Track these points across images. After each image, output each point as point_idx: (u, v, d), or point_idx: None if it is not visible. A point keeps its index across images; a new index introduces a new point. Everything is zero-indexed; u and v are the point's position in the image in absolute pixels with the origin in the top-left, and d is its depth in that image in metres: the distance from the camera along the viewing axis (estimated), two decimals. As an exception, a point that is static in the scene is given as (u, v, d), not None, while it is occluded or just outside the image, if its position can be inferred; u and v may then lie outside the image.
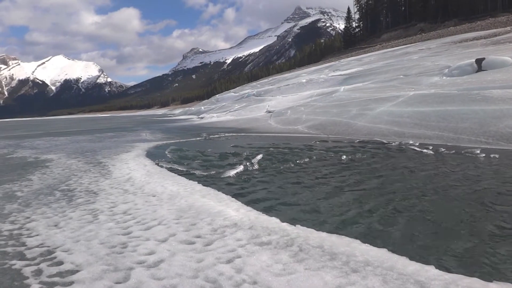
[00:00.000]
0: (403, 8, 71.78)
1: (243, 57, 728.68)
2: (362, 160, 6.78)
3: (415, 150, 7.45)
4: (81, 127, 30.26)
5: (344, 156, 7.12)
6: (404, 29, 65.39)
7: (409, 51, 29.76)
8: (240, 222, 3.34)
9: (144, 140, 13.52)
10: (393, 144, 8.49)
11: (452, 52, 22.19)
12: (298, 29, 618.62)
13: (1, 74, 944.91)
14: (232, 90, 61.98)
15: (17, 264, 2.71)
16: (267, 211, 3.83)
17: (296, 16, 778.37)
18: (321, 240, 2.85)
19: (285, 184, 5.21)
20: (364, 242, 2.82)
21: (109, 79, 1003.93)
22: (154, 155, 8.89)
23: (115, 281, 2.36)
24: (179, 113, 61.84)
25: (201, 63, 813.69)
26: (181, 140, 12.82)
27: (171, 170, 6.59)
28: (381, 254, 2.56)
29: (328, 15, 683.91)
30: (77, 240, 3.11)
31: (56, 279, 2.44)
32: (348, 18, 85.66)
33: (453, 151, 6.89)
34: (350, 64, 33.54)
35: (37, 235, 3.32)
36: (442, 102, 10.25)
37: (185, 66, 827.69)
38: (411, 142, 8.36)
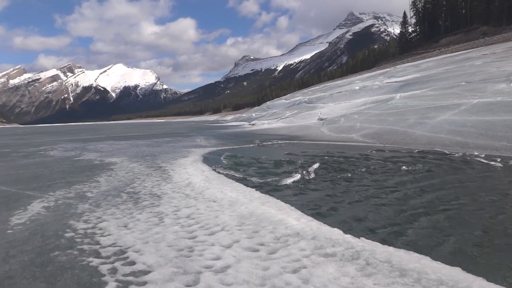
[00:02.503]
0: (463, 11, 68.04)
1: (294, 64, 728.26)
2: (424, 171, 6.50)
3: (482, 162, 7.03)
4: (139, 132, 31.69)
5: (404, 167, 6.87)
6: (464, 33, 62.06)
7: (471, 56, 28.19)
8: (302, 232, 3.33)
9: (199, 145, 13.90)
10: (456, 155, 8.07)
11: (521, 57, 20.75)
12: (350, 35, 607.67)
13: (68, 81, 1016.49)
14: (283, 97, 62.06)
15: (94, 261, 2.88)
16: (327, 221, 3.79)
17: (349, 22, 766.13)
18: (389, 254, 2.77)
19: (343, 194, 5.12)
20: (434, 259, 2.70)
21: (164, 86, 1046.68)
22: (210, 160, 9.11)
23: (185, 283, 2.44)
24: (231, 120, 62.93)
25: (252, 70, 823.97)
26: (235, 147, 13.03)
27: (228, 176, 6.71)
28: (455, 273, 2.44)
29: (382, 20, 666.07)
30: (146, 242, 3.26)
31: (130, 278, 2.57)
32: (404, 23, 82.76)
33: (526, 165, 6.43)
34: (406, 71, 32.36)
35: (109, 234, 3.52)
36: (510, 110, 9.61)
37: (236, 73, 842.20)
38: (476, 153, 7.90)
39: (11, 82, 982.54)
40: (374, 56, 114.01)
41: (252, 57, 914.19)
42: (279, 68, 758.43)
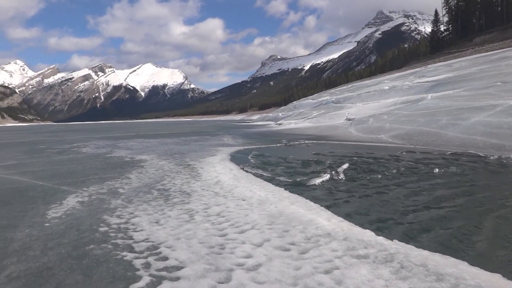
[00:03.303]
0: (499, 9, 65.35)
1: (321, 63, 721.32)
2: (458, 174, 6.30)
3: (520, 165, 6.76)
4: (167, 130, 32.23)
5: (437, 169, 6.68)
6: (500, 32, 59.55)
7: (508, 56, 27.08)
8: (334, 233, 3.29)
9: (227, 144, 13.99)
10: (492, 157, 7.79)
11: (562, 57, 19.80)
12: (379, 34, 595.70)
13: (99, 81, 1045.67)
14: (310, 97, 61.63)
15: (128, 256, 2.94)
16: (358, 222, 3.72)
17: (378, 21, 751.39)
18: (424, 258, 2.69)
19: (373, 196, 5.03)
20: (472, 264, 2.61)
21: (192, 86, 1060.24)
22: (237, 159, 9.15)
23: (217, 280, 2.46)
24: (257, 119, 63.05)
25: (279, 70, 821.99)
26: (262, 146, 13.04)
27: (256, 175, 6.73)
28: (495, 280, 2.35)
29: (413, 19, 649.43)
30: (178, 238, 3.30)
31: (163, 273, 2.61)
32: (436, 21, 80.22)
33: None
34: (438, 70, 31.47)
35: (142, 230, 3.59)
36: (551, 112, 9.20)
37: (263, 73, 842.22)
38: (513, 156, 7.61)
39: (46, 81, 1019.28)
40: (404, 55, 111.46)
41: (279, 57, 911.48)
42: (306, 68, 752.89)
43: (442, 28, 79.32)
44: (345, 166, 7.24)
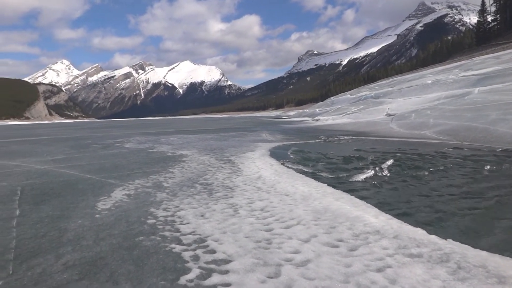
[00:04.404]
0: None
1: (360, 58, 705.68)
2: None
3: None
4: (205, 126, 32.71)
5: (488, 166, 6.36)
6: (554, 22, 55.86)
7: None
8: (383, 230, 3.19)
9: (265, 140, 13.99)
10: (549, 155, 7.31)
11: None
12: (421, 26, 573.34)
13: (139, 78, 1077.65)
14: (348, 92, 60.43)
15: (176, 248, 2.99)
16: (406, 220, 3.59)
17: (420, 13, 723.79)
18: (482, 259, 2.55)
19: (421, 193, 4.85)
20: (537, 266, 2.44)
21: (229, 82, 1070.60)
22: (277, 155, 9.11)
23: (266, 275, 2.44)
24: (293, 115, 62.69)
25: (316, 65, 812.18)
26: (301, 142, 12.94)
27: (297, 171, 6.67)
28: None
29: (457, 9, 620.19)
30: (224, 232, 3.32)
31: (212, 266, 2.62)
32: (482, 11, 76.07)
33: None
34: (485, 63, 29.90)
35: (188, 223, 3.64)
36: None
37: (300, 69, 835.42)
38: None
39: (90, 79, 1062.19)
40: (448, 48, 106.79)
41: (316, 52, 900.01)
42: (344, 63, 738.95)
43: (490, 18, 75.17)
44: (389, 162, 7.03)
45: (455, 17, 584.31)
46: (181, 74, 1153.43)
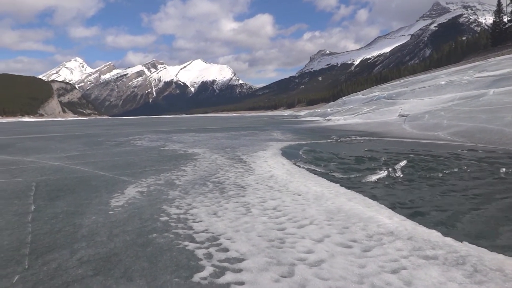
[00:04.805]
0: None
1: (372, 58, 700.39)
2: (529, 174, 5.85)
3: None
4: (217, 125, 32.79)
5: (504, 169, 6.25)
6: None
7: None
8: (397, 231, 3.16)
9: (276, 139, 13.97)
10: None
11: None
12: (435, 26, 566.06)
13: (151, 77, 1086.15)
14: (360, 92, 60.03)
15: (189, 245, 3.00)
16: (421, 222, 3.55)
17: (434, 13, 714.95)
18: (499, 262, 2.51)
19: (435, 195, 4.79)
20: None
21: (240, 81, 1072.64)
22: (289, 154, 9.09)
23: (280, 274, 2.43)
24: (305, 115, 62.46)
25: (328, 65, 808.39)
26: (312, 141, 12.89)
27: (309, 170, 6.64)
28: None
29: (472, 10, 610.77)
30: (237, 230, 3.32)
31: (225, 264, 2.63)
32: (498, 12, 74.64)
33: None
34: (500, 64, 29.42)
35: (201, 221, 3.65)
36: None
37: (311, 68, 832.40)
38: None
39: (102, 77, 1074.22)
40: (462, 48, 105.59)
41: (328, 52, 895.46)
42: (356, 63, 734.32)
43: (506, 18, 73.85)
44: (403, 163, 6.96)
45: (470, 17, 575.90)
46: (193, 73, 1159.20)
